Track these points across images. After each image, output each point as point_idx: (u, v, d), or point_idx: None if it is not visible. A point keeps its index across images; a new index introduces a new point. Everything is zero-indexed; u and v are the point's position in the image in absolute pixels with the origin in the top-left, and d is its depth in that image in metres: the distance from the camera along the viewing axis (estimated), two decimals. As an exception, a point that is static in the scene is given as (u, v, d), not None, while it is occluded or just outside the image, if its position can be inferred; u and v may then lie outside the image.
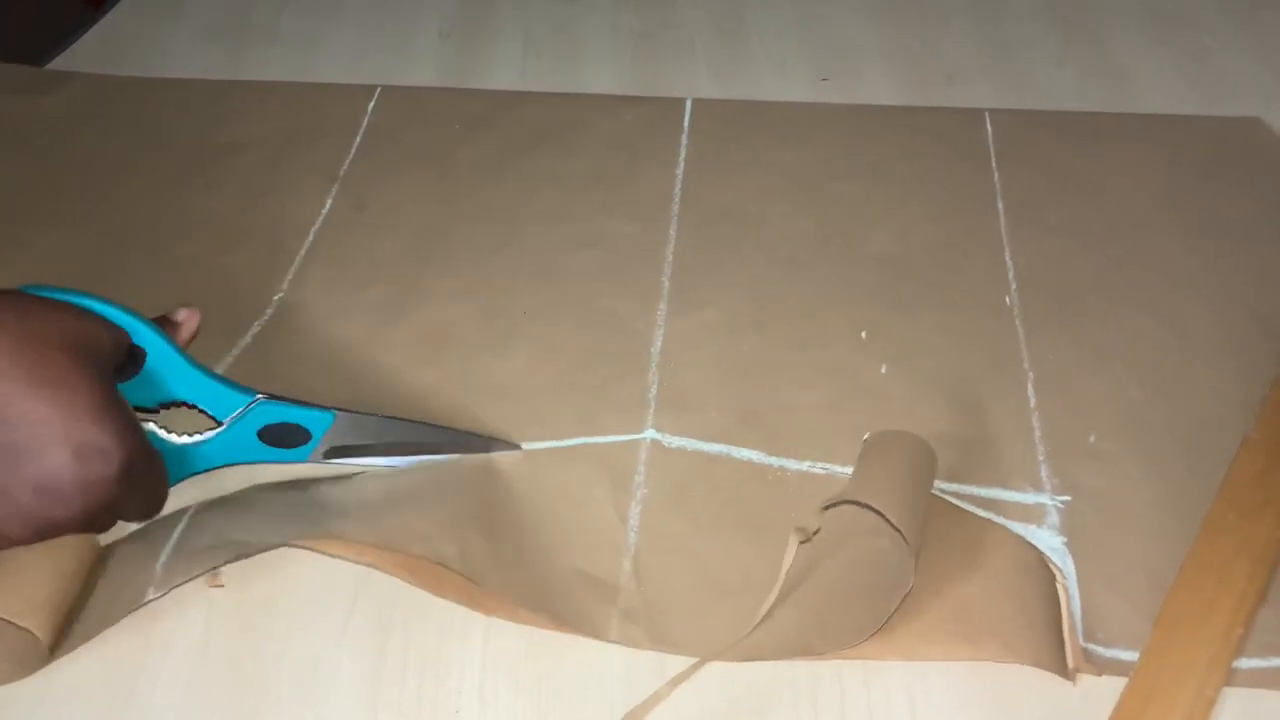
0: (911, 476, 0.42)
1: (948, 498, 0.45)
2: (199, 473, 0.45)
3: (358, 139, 0.66)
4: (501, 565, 0.43)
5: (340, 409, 0.45)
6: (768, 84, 0.72)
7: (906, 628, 0.41)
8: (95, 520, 0.38)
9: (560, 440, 0.49)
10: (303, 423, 0.45)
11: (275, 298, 0.56)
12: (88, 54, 0.76)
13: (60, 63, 0.75)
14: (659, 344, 0.53)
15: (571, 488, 0.47)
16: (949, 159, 0.63)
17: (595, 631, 0.41)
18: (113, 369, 0.40)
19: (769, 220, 0.60)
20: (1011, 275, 0.56)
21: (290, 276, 0.57)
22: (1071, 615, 0.41)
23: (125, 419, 0.38)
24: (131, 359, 0.42)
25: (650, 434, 0.49)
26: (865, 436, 0.44)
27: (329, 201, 0.62)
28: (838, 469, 0.47)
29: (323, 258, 0.58)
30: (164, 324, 0.45)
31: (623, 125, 0.67)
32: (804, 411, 0.50)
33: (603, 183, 0.63)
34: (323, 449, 0.46)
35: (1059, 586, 0.42)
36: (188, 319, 0.46)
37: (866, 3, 0.79)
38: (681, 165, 0.64)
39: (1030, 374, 0.51)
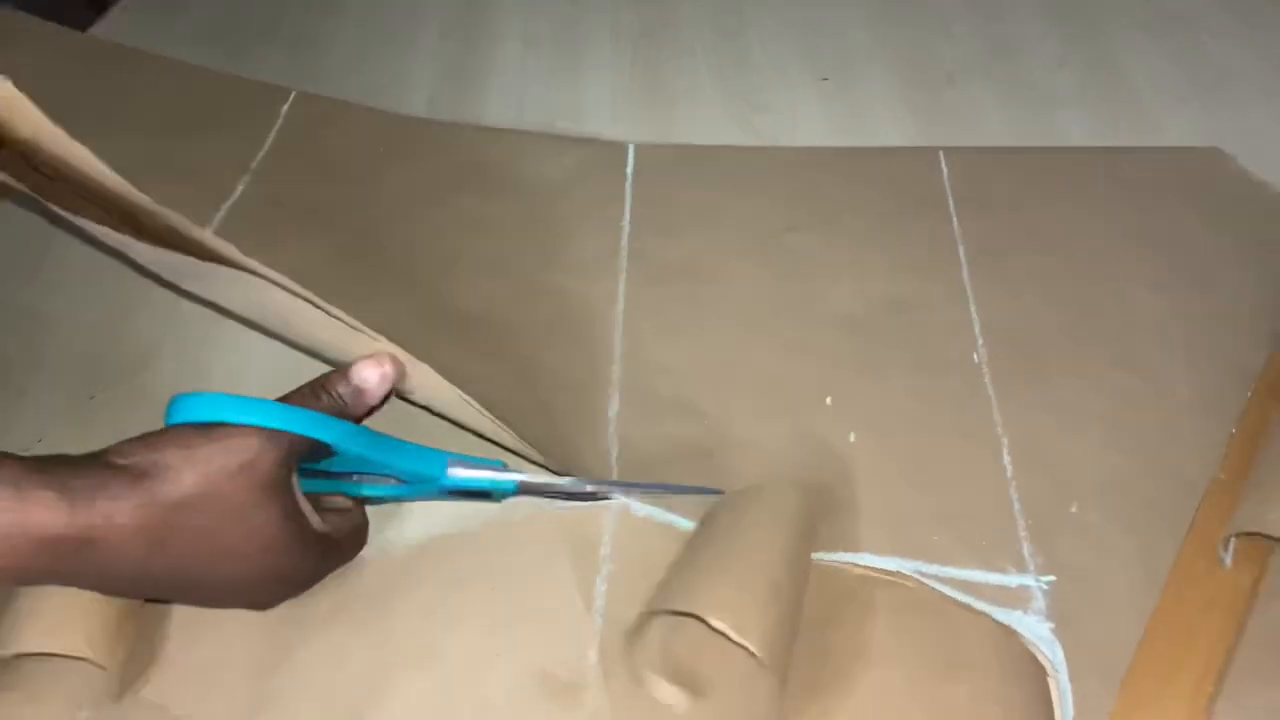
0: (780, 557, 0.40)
1: (926, 581, 0.43)
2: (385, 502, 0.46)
3: (270, 137, 0.64)
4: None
5: (523, 481, 0.44)
6: (768, 84, 0.71)
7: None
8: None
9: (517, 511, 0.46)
10: (488, 489, 0.44)
11: None
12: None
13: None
14: (615, 409, 0.50)
15: (530, 569, 0.44)
16: (906, 204, 0.60)
17: None
18: (290, 476, 0.39)
19: (723, 276, 0.56)
20: (977, 330, 0.53)
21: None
22: (1064, 715, 0.39)
23: (302, 543, 0.40)
24: (319, 448, 0.40)
25: (619, 499, 0.46)
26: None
27: (239, 189, 0.60)
28: (811, 550, 0.44)
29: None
30: (341, 382, 0.42)
31: (563, 169, 0.63)
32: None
33: (543, 230, 0.59)
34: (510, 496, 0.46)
35: (1050, 682, 0.40)
36: (380, 379, 0.43)
37: (867, 3, 0.78)
38: (627, 216, 0.60)
39: (1005, 439, 0.48)
